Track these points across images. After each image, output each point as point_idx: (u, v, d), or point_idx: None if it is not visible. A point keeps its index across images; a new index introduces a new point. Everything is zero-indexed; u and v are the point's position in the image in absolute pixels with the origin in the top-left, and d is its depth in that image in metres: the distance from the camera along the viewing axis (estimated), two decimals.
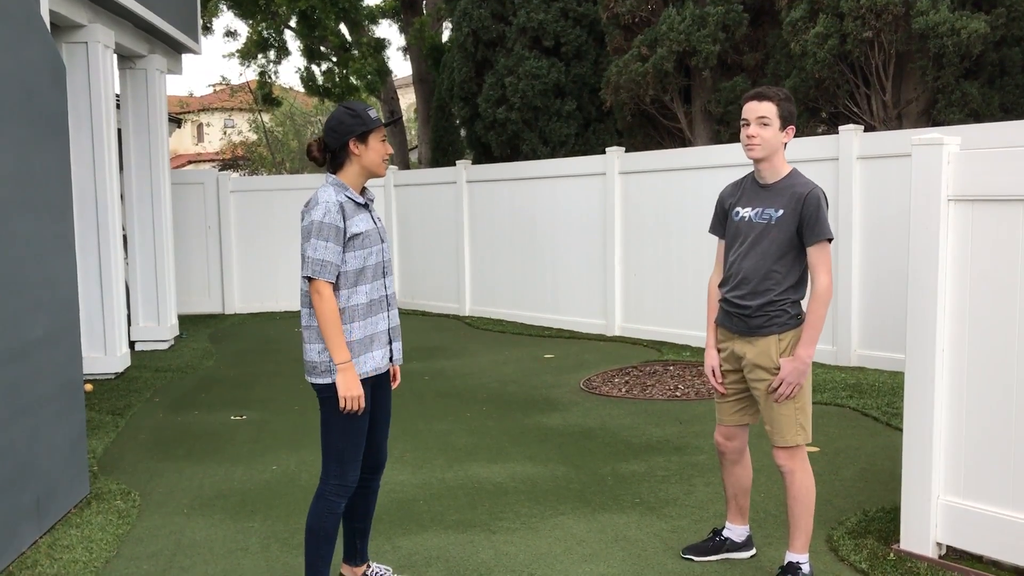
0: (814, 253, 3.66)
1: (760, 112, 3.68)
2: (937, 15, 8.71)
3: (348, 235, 3.45)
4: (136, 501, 5.07)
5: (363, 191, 3.61)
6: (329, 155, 3.57)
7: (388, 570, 3.89)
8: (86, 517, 4.80)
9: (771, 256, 3.71)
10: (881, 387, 7.02)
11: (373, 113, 3.56)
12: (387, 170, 3.64)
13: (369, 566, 3.90)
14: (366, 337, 3.52)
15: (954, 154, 3.82)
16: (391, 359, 3.67)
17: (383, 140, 3.57)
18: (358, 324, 3.50)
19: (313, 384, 3.51)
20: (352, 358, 3.47)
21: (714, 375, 3.95)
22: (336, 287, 3.47)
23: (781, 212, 3.69)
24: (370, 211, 3.60)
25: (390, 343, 3.63)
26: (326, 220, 3.40)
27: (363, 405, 3.46)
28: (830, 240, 3.65)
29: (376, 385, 3.64)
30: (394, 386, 3.78)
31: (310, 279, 3.41)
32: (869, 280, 7.85)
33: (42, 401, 4.61)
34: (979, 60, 9.11)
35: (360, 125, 3.50)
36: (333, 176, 3.56)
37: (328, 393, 3.48)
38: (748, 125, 3.72)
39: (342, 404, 3.44)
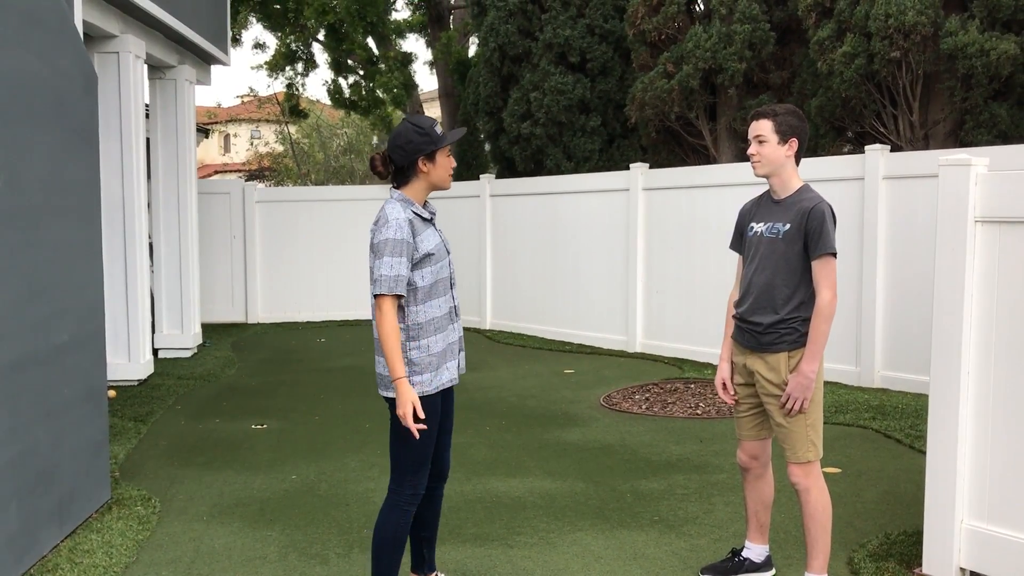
0: (817, 267, 3.67)
1: (756, 131, 3.79)
2: (966, 36, 8.66)
3: (420, 253, 3.47)
4: (156, 507, 5.10)
5: (425, 204, 3.62)
6: (394, 169, 3.57)
7: None
8: (107, 522, 4.83)
9: (779, 271, 3.74)
10: (905, 409, 6.96)
11: (439, 129, 3.55)
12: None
13: (436, 575, 3.92)
14: (444, 349, 3.56)
15: (982, 175, 3.79)
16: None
17: (448, 155, 3.58)
18: (435, 338, 3.53)
19: (387, 398, 3.53)
20: (431, 371, 3.51)
21: (724, 388, 3.98)
22: (410, 303, 3.49)
23: (788, 226, 3.73)
24: (434, 225, 3.62)
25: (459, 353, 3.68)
26: (398, 237, 3.41)
27: (421, 415, 3.40)
28: (834, 255, 3.66)
29: (444, 395, 3.69)
30: None
31: (377, 296, 3.41)
32: (893, 301, 7.78)
33: (66, 405, 4.65)
34: (1008, 81, 9.04)
35: (429, 144, 3.49)
36: (399, 192, 3.56)
37: None
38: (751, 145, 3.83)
39: (400, 416, 3.38)
